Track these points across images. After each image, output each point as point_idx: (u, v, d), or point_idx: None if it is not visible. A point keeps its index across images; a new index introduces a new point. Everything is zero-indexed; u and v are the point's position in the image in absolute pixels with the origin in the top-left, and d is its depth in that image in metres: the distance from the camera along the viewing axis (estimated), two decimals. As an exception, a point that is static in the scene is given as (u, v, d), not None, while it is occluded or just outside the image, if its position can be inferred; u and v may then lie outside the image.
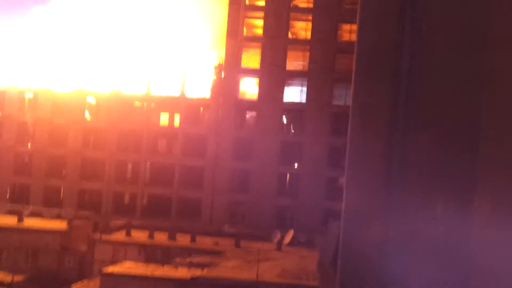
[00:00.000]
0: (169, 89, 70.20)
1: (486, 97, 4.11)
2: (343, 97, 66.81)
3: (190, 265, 42.25)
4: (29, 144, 70.84)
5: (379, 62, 4.20)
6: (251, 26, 72.17)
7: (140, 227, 53.64)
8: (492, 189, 4.02)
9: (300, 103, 67.87)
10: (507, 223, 4.00)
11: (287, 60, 68.65)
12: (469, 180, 4.10)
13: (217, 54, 72.48)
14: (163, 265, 42.36)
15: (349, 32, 69.59)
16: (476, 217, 4.06)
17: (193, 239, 50.51)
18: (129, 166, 70.40)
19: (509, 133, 4.09)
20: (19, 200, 66.08)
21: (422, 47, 4.17)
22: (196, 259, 44.04)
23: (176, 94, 69.18)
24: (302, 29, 70.65)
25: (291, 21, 69.94)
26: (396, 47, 4.18)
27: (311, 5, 68.84)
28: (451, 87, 4.14)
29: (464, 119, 4.09)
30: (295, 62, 69.95)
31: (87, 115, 72.10)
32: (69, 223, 53.77)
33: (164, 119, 73.00)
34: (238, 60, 68.72)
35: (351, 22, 69.08)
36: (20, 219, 53.81)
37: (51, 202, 66.03)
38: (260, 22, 70.38)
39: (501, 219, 4.00)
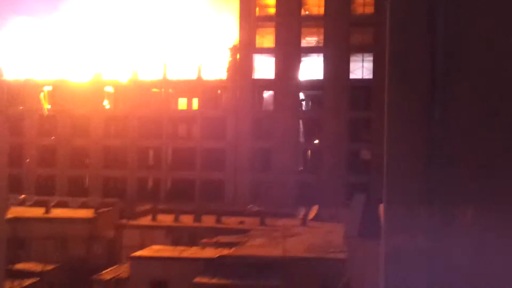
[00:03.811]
0: (186, 73, 70.31)
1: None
2: (360, 70, 66.54)
3: (217, 245, 42.45)
4: (52, 136, 71.48)
5: (413, 63, 4.08)
6: (263, 6, 71.86)
7: (166, 211, 53.98)
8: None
9: (317, 80, 67.65)
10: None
11: (302, 36, 68.38)
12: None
13: (231, 35, 72.36)
14: (190, 247, 42.65)
15: (362, 5, 69.09)
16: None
17: (218, 220, 50.77)
18: (151, 152, 70.88)
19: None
20: (45, 191, 66.79)
21: (456, 47, 4.03)
22: (223, 239, 44.23)
23: (193, 77, 69.32)
24: (315, 5, 70.23)
25: (303, -2, 69.57)
26: (429, 47, 4.06)
27: (322, -19, 68.30)
28: (487, 86, 3.97)
29: (503, 120, 3.94)
30: (310, 38, 69.65)
31: (106, 103, 72.54)
32: (95, 211, 54.23)
33: (182, 103, 73.18)
34: (252, 40, 68.64)
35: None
36: (47, 210, 54.39)
37: (76, 192, 66.75)
38: (272, 1, 70.05)
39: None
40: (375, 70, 65.10)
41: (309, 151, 69.41)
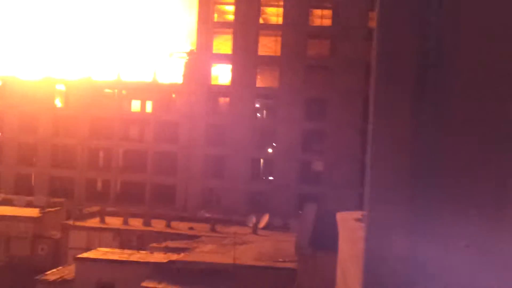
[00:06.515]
0: (141, 75, 69.59)
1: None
2: (316, 82, 66.95)
3: (166, 250, 42.00)
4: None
5: (403, 41, 3.70)
6: (222, 12, 71.82)
7: (114, 214, 53.15)
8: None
9: (273, 88, 67.82)
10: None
11: (259, 45, 68.50)
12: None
13: (189, 40, 72.03)
14: (138, 251, 42.07)
15: (320, 17, 69.70)
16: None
17: (168, 225, 50.25)
18: (101, 153, 69.74)
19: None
20: (-11, 188, 64.96)
21: (449, 22, 3.70)
22: (172, 244, 43.79)
23: (148, 80, 68.63)
24: (274, 14, 70.54)
25: (262, 7, 69.75)
26: (422, 22, 3.70)
27: (282, -10, 68.64)
28: (482, 83, 3.68)
29: (503, 108, 3.59)
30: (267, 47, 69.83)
31: (57, 102, 71.14)
32: (41, 210, 53.05)
33: (136, 105, 72.36)
34: (209, 45, 68.38)
35: (322, 7, 69.32)
36: (-9, 207, 52.93)
37: (22, 190, 65.09)
38: (231, 8, 70.03)
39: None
40: (330, 83, 65.61)
41: (262, 159, 69.39)
